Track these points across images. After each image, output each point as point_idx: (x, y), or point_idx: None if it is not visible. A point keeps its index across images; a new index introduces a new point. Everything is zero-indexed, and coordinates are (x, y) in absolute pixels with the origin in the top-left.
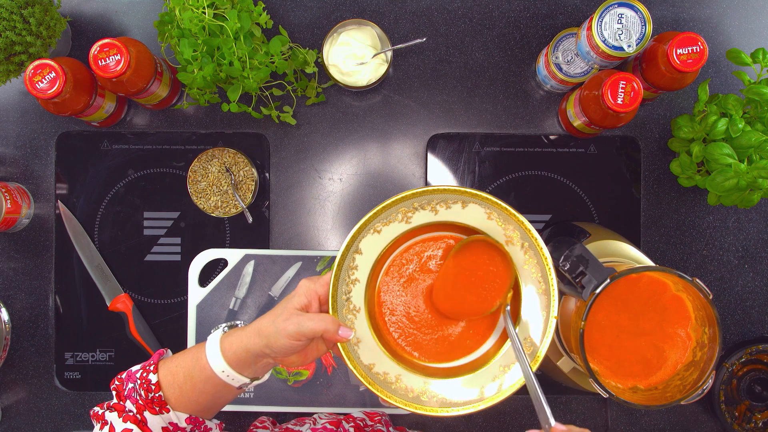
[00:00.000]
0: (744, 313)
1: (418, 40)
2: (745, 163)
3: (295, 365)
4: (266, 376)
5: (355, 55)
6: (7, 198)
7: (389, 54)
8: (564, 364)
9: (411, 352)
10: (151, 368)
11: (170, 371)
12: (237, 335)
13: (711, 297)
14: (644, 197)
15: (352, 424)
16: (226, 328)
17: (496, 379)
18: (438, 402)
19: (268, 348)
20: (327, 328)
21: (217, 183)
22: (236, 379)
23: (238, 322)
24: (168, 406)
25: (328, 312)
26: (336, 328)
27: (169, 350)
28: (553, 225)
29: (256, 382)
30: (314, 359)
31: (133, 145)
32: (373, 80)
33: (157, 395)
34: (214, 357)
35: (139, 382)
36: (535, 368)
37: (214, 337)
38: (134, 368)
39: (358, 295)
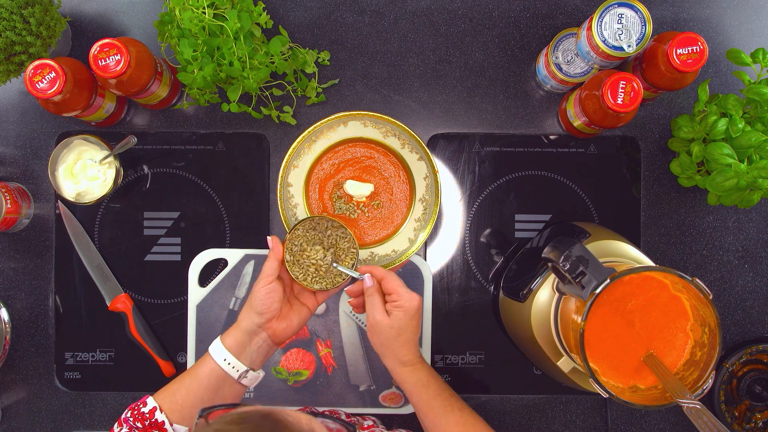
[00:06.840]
0: (744, 313)
1: (131, 140)
2: (745, 163)
3: (287, 337)
4: (261, 374)
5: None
6: (7, 198)
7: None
8: (564, 364)
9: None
10: (138, 405)
11: (168, 390)
12: (232, 326)
13: (711, 297)
14: (644, 197)
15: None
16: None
17: (411, 241)
18: (383, 259)
19: (254, 313)
20: (273, 248)
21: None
22: (236, 366)
23: None
24: (166, 426)
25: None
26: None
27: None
28: (553, 225)
29: (252, 379)
30: (300, 324)
31: (133, 145)
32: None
33: (153, 420)
34: (215, 348)
35: (131, 420)
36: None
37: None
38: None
39: (301, 213)
